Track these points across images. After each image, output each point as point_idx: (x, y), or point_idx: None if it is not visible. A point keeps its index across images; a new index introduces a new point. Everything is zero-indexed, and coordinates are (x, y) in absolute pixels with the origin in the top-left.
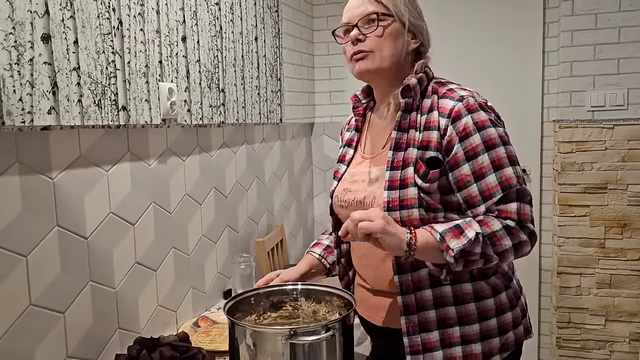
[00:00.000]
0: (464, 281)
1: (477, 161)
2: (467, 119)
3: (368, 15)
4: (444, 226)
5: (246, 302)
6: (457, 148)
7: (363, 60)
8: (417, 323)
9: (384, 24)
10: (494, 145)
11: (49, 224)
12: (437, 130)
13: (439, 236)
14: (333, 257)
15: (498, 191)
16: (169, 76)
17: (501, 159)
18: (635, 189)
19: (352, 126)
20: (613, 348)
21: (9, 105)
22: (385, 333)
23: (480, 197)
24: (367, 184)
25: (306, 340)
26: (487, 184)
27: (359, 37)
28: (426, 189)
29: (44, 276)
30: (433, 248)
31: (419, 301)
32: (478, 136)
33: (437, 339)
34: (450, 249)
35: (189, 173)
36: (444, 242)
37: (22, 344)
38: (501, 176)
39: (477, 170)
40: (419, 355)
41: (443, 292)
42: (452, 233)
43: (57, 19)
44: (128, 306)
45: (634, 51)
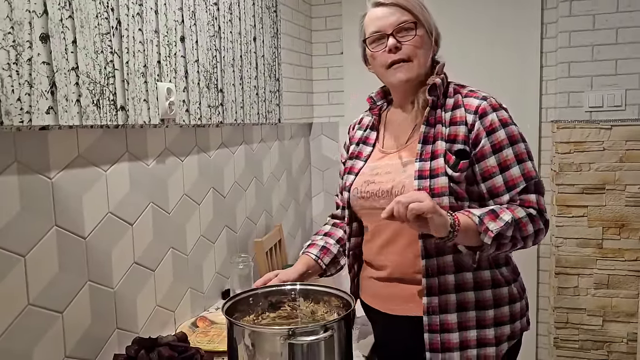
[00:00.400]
0: (483, 268)
1: (502, 154)
2: (493, 116)
3: (403, 24)
4: (479, 210)
5: (245, 302)
6: (484, 142)
7: (403, 69)
8: (437, 304)
9: (420, 33)
10: (516, 141)
11: (47, 224)
12: (465, 125)
13: (478, 219)
14: (329, 258)
15: (521, 182)
16: (167, 76)
17: (522, 154)
18: (632, 189)
19: (365, 125)
20: (611, 348)
21: (7, 105)
22: (398, 321)
23: (505, 187)
24: (393, 174)
25: (305, 340)
26: (511, 175)
27: (397, 46)
28: (456, 178)
29: (42, 276)
30: (472, 230)
31: (441, 284)
32: (503, 132)
33: (455, 321)
34: (489, 230)
35: (187, 173)
36: (482, 224)
37: (20, 343)
38: (524, 169)
39: (502, 163)
40: (435, 334)
41: (465, 278)
42: (489, 216)
43: (56, 19)
44: (126, 306)
45: (632, 52)
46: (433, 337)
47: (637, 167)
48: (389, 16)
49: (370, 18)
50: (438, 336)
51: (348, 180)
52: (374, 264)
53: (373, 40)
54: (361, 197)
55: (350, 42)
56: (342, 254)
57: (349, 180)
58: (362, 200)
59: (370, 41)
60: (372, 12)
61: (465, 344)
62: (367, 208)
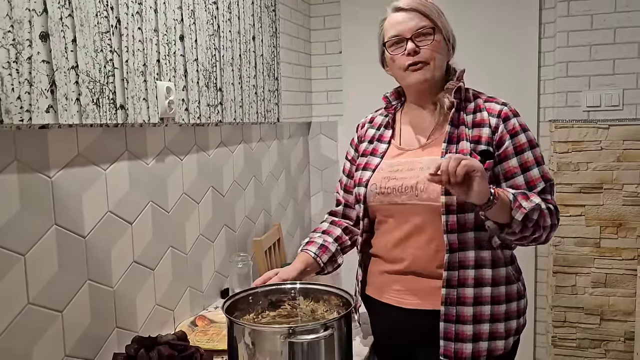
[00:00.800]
0: (500, 265)
1: (524, 156)
2: (514, 120)
3: (422, 29)
4: (512, 190)
5: (245, 301)
6: (508, 143)
7: (420, 71)
8: (455, 296)
9: (437, 38)
10: (534, 145)
11: (47, 223)
12: (489, 127)
13: (512, 196)
14: (327, 256)
15: (540, 182)
16: (166, 75)
17: (540, 157)
18: (630, 188)
19: (378, 124)
20: (608, 347)
21: (7, 104)
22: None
23: (526, 187)
24: (417, 171)
25: (305, 339)
26: (532, 175)
27: (416, 50)
28: None
29: (41, 275)
30: (506, 205)
31: (461, 278)
32: (524, 136)
33: (471, 314)
34: (522, 207)
35: (186, 172)
36: (516, 201)
37: (20, 342)
38: (542, 171)
39: (524, 164)
40: (451, 324)
41: (483, 274)
42: (522, 196)
43: (56, 17)
44: (126, 305)
45: (630, 52)
46: (448, 327)
47: (634, 166)
48: (408, 21)
49: (391, 22)
50: (453, 326)
51: (364, 177)
52: (388, 258)
53: (392, 44)
54: (380, 192)
55: (349, 41)
56: (340, 252)
57: (365, 176)
58: (382, 196)
59: (390, 44)
60: (392, 17)
61: (478, 336)
62: (386, 203)
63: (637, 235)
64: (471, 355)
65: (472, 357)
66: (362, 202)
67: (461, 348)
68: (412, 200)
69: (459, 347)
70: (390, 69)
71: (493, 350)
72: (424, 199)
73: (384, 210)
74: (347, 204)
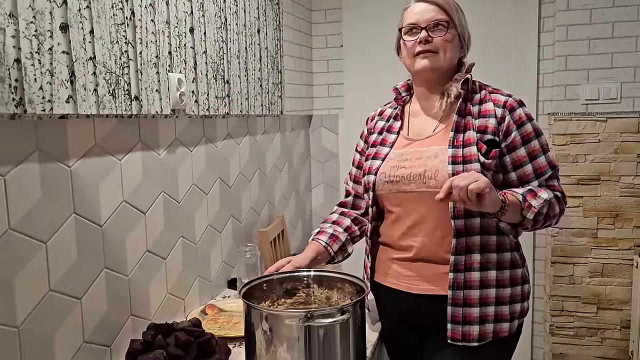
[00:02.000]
0: (505, 250)
1: (531, 145)
2: (520, 111)
3: (438, 21)
4: (521, 189)
5: (259, 289)
6: (515, 134)
7: (428, 58)
8: (462, 280)
9: (452, 32)
10: (539, 134)
11: (66, 211)
12: (494, 117)
13: (521, 197)
14: (337, 245)
15: (548, 169)
16: (177, 67)
17: (545, 145)
18: (627, 180)
19: (387, 116)
20: (604, 335)
21: (30, 94)
22: (418, 299)
23: (534, 174)
24: (424, 160)
25: (322, 322)
26: (539, 163)
27: (428, 39)
28: (487, 165)
29: (62, 262)
30: (517, 206)
31: (467, 262)
32: (530, 125)
33: (477, 297)
34: (532, 206)
35: (195, 163)
36: (526, 201)
37: (42, 328)
38: (548, 158)
39: (531, 153)
40: (458, 307)
41: (489, 258)
42: (530, 195)
43: (74, 9)
44: (140, 293)
45: (627, 46)
46: (455, 310)
47: (631, 158)
48: (426, 13)
49: (411, 11)
50: (460, 310)
51: (374, 165)
52: (397, 246)
53: (407, 31)
54: (389, 181)
55: (350, 35)
56: (350, 242)
57: (375, 165)
58: (390, 184)
59: (405, 31)
60: (414, 6)
61: (484, 319)
62: (395, 192)
63: (634, 225)
64: (478, 337)
65: (478, 339)
66: (371, 190)
67: (468, 330)
68: (420, 188)
69: (467, 329)
70: (402, 56)
71: (499, 332)
72: (431, 186)
73: (392, 199)
74: (357, 194)
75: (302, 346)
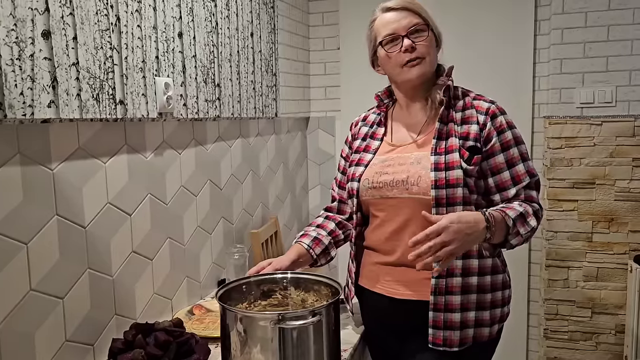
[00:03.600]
0: (487, 257)
1: (510, 152)
2: (502, 118)
3: (416, 26)
4: (513, 213)
5: (239, 290)
6: (495, 140)
7: (418, 66)
8: (444, 286)
9: (430, 34)
10: (520, 142)
11: (48, 213)
12: (477, 124)
13: (512, 222)
14: (320, 249)
15: (526, 178)
16: (165, 71)
17: (525, 154)
18: (622, 184)
19: (371, 122)
20: (599, 339)
21: (10, 99)
22: (401, 304)
23: (512, 182)
24: (407, 166)
25: (293, 324)
26: (517, 171)
27: (413, 46)
28: (470, 171)
29: (43, 263)
30: (503, 231)
31: (449, 268)
32: (510, 133)
33: (459, 302)
34: (520, 234)
35: (184, 165)
36: (515, 227)
37: (22, 327)
38: (527, 166)
39: (509, 160)
40: (440, 313)
41: (470, 264)
42: (520, 221)
43: (57, 16)
44: (125, 293)
45: (623, 49)
46: (437, 316)
47: (626, 162)
48: (401, 19)
49: (382, 22)
50: (442, 315)
51: (357, 172)
52: (381, 250)
53: (387, 42)
54: (372, 187)
55: (346, 38)
56: (334, 246)
57: (358, 171)
58: (373, 190)
59: (386, 42)
60: (382, 17)
61: (465, 324)
62: (378, 197)
63: (629, 230)
64: (459, 342)
65: (459, 344)
66: (355, 197)
67: (450, 335)
68: (403, 194)
69: (448, 334)
70: (384, 67)
71: (479, 336)
72: (414, 192)
73: (376, 204)
74: (342, 199)
75: (276, 347)
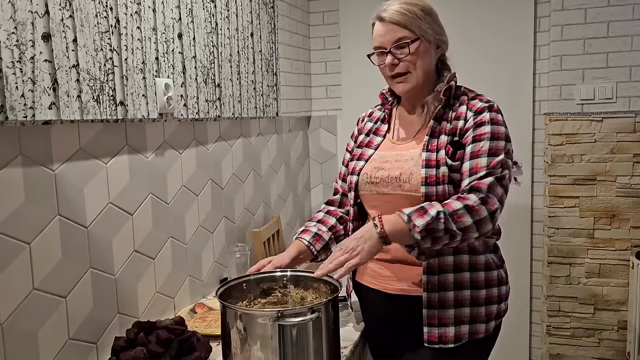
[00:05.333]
0: (478, 253)
1: (478, 144)
2: (486, 115)
3: (400, 41)
4: (410, 209)
5: (239, 289)
6: (470, 133)
7: (402, 83)
8: (437, 282)
9: (414, 46)
10: (497, 138)
11: (50, 213)
12: (464, 120)
13: (406, 217)
14: (320, 245)
15: (482, 170)
16: (165, 72)
17: (499, 150)
18: (623, 180)
19: (376, 118)
20: (602, 336)
21: (11, 101)
22: (395, 300)
23: (468, 173)
24: (402, 163)
25: (292, 321)
26: (477, 163)
27: (394, 62)
28: (454, 167)
29: (46, 262)
30: (402, 229)
31: (441, 265)
32: (489, 127)
33: (452, 298)
34: (416, 226)
35: (185, 165)
36: (410, 221)
37: (26, 325)
38: (491, 161)
39: (475, 152)
40: (433, 310)
41: (462, 260)
42: (417, 213)
43: (57, 19)
44: (127, 292)
45: (623, 45)
46: (431, 313)
47: (627, 158)
48: (386, 34)
49: (375, 32)
50: (436, 312)
51: (358, 166)
52: None
53: (376, 55)
54: (370, 181)
55: (347, 36)
56: (334, 241)
57: (358, 165)
58: (371, 185)
59: (375, 55)
60: (376, 27)
61: (459, 320)
62: (374, 193)
63: (630, 226)
64: (454, 339)
65: (454, 340)
66: (353, 190)
67: (444, 332)
68: (396, 190)
69: (442, 331)
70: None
71: (475, 333)
72: (405, 189)
73: (372, 200)
74: (344, 193)
75: (275, 345)
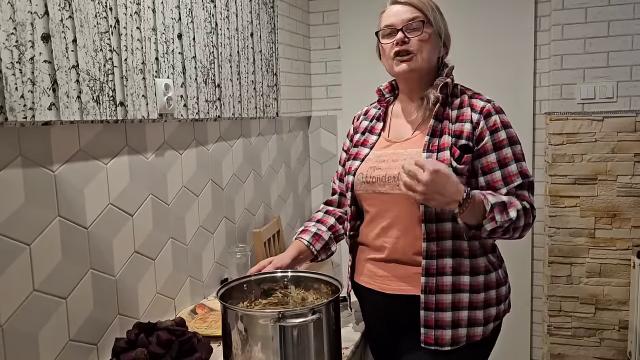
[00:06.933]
0: (478, 255)
1: (502, 152)
2: (496, 117)
3: (413, 21)
4: (493, 198)
5: (240, 289)
6: (487, 139)
7: (406, 62)
8: (434, 284)
9: (428, 31)
10: (514, 142)
11: (50, 214)
12: (470, 122)
13: (490, 206)
14: (320, 244)
15: (518, 178)
16: (165, 72)
17: (519, 154)
18: (624, 179)
19: (371, 116)
20: (603, 335)
21: (11, 102)
22: (393, 300)
23: (503, 182)
24: (400, 162)
25: (293, 322)
26: (509, 171)
27: (405, 40)
28: (459, 170)
29: (46, 264)
30: (479, 214)
31: (439, 266)
32: (504, 132)
33: (450, 301)
34: (494, 220)
35: (185, 166)
36: (492, 212)
37: (26, 326)
38: (520, 167)
39: (502, 160)
40: (431, 312)
41: (462, 263)
42: (499, 208)
43: (56, 19)
44: (128, 293)
45: (623, 44)
46: (428, 314)
47: (628, 157)
48: (401, 14)
49: (387, 14)
50: (433, 314)
51: (353, 166)
52: (372, 246)
53: (385, 34)
54: (366, 181)
55: (347, 36)
56: (334, 241)
57: (354, 165)
58: (367, 185)
59: (382, 34)
60: (389, 9)
61: (457, 323)
62: (371, 192)
63: (631, 225)
64: (450, 341)
65: (451, 343)
66: (350, 190)
67: (441, 335)
68: (394, 190)
69: (439, 333)
70: (382, 59)
71: (472, 336)
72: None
73: (369, 199)
74: (342, 192)
75: (276, 345)
